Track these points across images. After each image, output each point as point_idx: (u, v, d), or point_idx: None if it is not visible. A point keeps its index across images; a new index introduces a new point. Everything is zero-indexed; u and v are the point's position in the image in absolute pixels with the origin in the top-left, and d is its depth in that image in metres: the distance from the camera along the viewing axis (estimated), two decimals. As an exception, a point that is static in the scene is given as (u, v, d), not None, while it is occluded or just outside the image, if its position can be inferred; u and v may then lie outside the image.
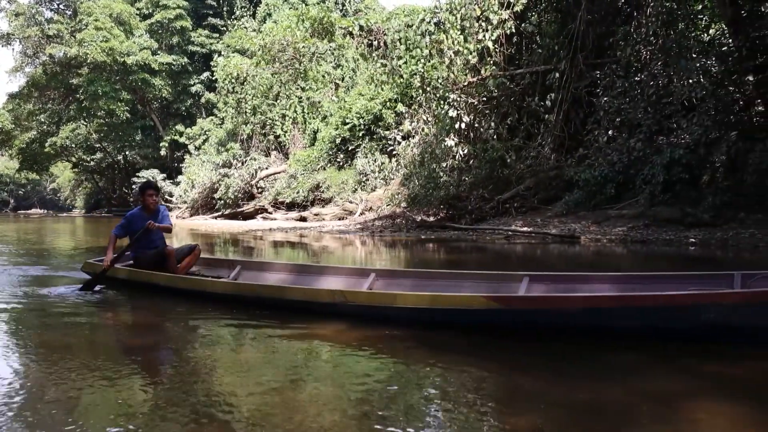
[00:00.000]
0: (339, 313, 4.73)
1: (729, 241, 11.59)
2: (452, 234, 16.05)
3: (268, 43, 27.28)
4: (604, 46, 17.80)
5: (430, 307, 4.33)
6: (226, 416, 2.66)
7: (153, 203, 6.80)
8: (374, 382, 3.21)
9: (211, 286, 5.65)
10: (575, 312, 3.93)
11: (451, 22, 18.35)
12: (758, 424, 2.57)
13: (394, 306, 4.49)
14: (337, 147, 27.53)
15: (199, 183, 34.34)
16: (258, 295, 5.24)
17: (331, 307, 4.77)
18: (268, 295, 5.18)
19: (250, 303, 5.22)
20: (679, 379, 3.19)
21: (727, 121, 13.39)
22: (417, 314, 4.39)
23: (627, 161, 14.96)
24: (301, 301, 4.95)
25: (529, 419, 2.63)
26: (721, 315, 3.56)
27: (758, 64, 12.59)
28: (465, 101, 18.51)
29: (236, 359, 3.70)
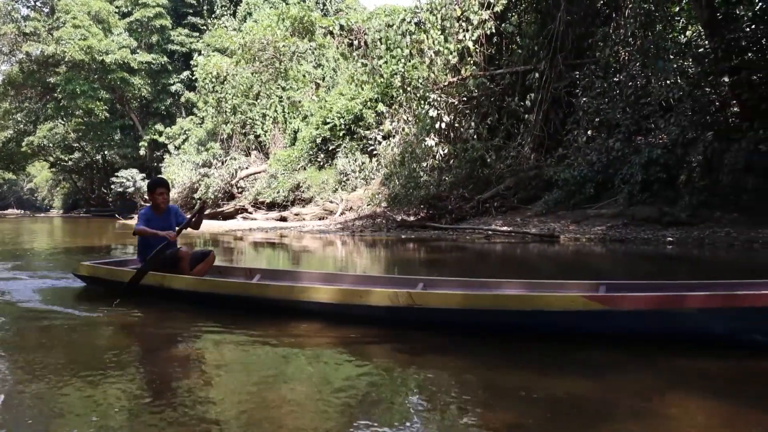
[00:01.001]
0: (399, 320, 4.34)
1: (705, 240, 11.73)
2: (432, 234, 16.08)
3: (248, 42, 27.21)
4: (583, 47, 17.93)
5: (533, 309, 3.93)
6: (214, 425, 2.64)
7: (164, 202, 6.21)
8: (358, 383, 3.20)
9: (244, 289, 5.16)
10: (690, 314, 3.63)
11: (431, 22, 18.40)
12: (728, 418, 2.60)
13: (482, 309, 4.09)
14: (317, 147, 27.47)
15: (178, 183, 34.09)
16: (311, 300, 4.69)
17: (392, 313, 4.34)
18: (324, 301, 4.64)
19: (290, 310, 4.77)
20: (653, 375, 3.22)
21: (704, 121, 13.55)
22: (514, 319, 4.00)
23: (606, 161, 15.08)
24: (353, 305, 4.49)
25: (508, 416, 2.63)
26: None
27: (733, 65, 12.74)
28: (445, 101, 18.56)
29: (238, 365, 3.68)
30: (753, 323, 3.51)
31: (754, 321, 3.50)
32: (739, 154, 11.90)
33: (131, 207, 40.91)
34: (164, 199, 6.21)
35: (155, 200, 6.20)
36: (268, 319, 4.67)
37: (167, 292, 5.49)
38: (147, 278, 5.65)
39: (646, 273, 8.49)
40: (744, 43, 13.23)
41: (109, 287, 5.88)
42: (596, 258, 10.58)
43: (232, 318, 4.78)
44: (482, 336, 4.01)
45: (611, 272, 8.74)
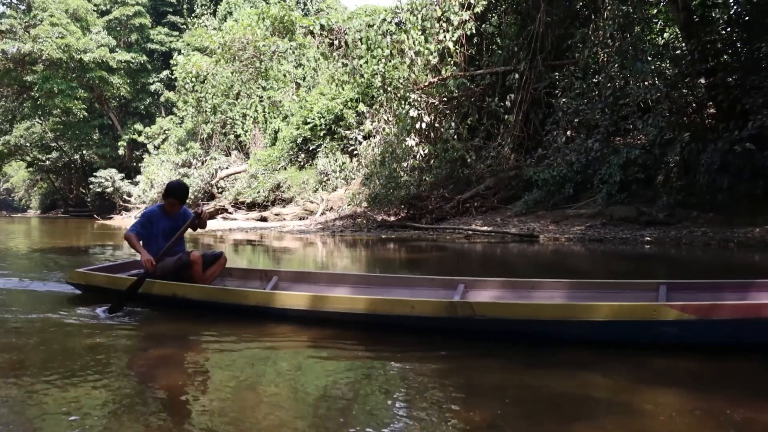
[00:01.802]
0: (454, 330, 4.03)
1: (682, 239, 11.86)
2: (413, 233, 16.11)
3: (228, 42, 27.03)
4: (563, 48, 18.06)
5: (612, 320, 3.63)
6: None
7: (171, 212, 5.86)
8: (339, 385, 3.21)
9: (267, 300, 4.67)
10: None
11: (412, 23, 18.43)
12: (700, 414, 2.63)
13: (553, 320, 3.79)
14: (298, 147, 27.41)
15: (158, 183, 33.84)
16: (352, 312, 4.29)
17: (448, 324, 4.01)
18: (368, 312, 4.25)
19: (322, 322, 4.39)
20: (629, 373, 3.25)
21: (681, 122, 13.71)
22: (589, 330, 3.73)
23: (585, 161, 15.21)
24: (403, 317, 4.11)
25: (486, 415, 2.65)
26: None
27: (709, 67, 12.89)
28: (426, 101, 18.61)
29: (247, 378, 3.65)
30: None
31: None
32: (715, 155, 12.04)
33: (110, 207, 40.57)
34: (172, 210, 5.85)
35: (167, 206, 5.85)
36: (249, 322, 4.58)
37: (181, 302, 5.07)
38: (156, 288, 5.22)
39: (625, 272, 8.57)
40: (719, 46, 13.41)
41: (108, 295, 5.42)
42: (576, 257, 10.66)
43: (220, 322, 4.66)
44: (458, 337, 3.98)
45: (591, 272, 8.81)
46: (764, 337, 3.41)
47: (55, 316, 4.91)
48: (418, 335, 4.05)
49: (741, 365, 3.28)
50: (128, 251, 12.03)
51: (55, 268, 8.71)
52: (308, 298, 4.55)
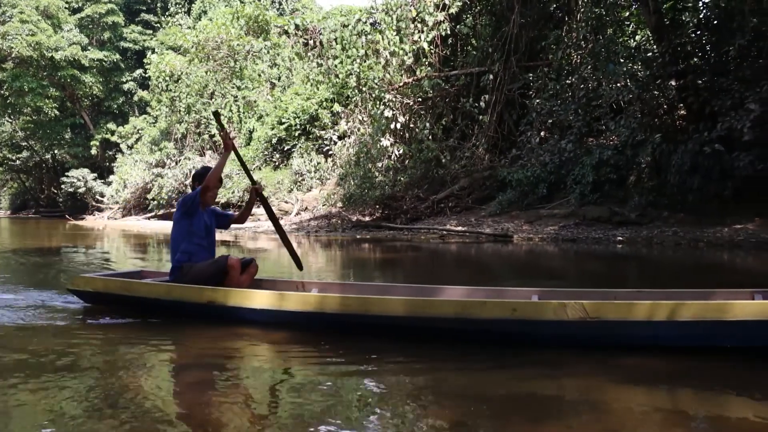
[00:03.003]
0: (561, 337, 3.65)
1: (654, 239, 12.01)
2: (388, 234, 16.12)
3: (202, 41, 26.86)
4: (537, 50, 18.20)
5: (739, 319, 3.33)
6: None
7: (208, 204, 5.14)
8: (310, 388, 3.21)
9: (345, 306, 4.10)
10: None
11: (387, 23, 18.46)
12: (670, 412, 2.66)
13: (679, 321, 3.43)
14: (272, 147, 27.28)
15: (131, 183, 33.46)
16: (440, 317, 3.82)
17: (554, 329, 3.62)
18: (466, 317, 3.75)
19: (399, 329, 3.97)
20: (600, 373, 3.27)
21: (652, 123, 13.88)
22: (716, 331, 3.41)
23: (558, 162, 15.33)
24: (503, 320, 3.67)
25: (458, 415, 2.65)
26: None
27: (679, 69, 13.06)
28: (400, 102, 18.63)
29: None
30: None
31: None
32: (685, 156, 12.21)
33: (82, 208, 40.03)
34: (209, 202, 5.13)
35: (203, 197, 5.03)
36: (226, 328, 4.41)
37: (227, 312, 4.41)
38: (187, 294, 4.56)
39: (598, 272, 8.66)
40: (689, 49, 13.61)
41: (123, 306, 4.87)
42: (549, 257, 10.74)
43: (200, 327, 4.48)
44: (429, 338, 3.90)
45: (564, 271, 8.88)
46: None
47: (25, 321, 4.81)
48: (505, 346, 3.71)
49: (709, 364, 3.31)
50: (110, 254, 11.94)
51: (22, 271, 8.59)
52: (404, 302, 3.98)
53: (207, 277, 4.72)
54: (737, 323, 3.33)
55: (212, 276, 4.73)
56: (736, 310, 3.34)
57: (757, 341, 3.38)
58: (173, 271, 4.91)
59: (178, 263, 4.89)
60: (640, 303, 3.53)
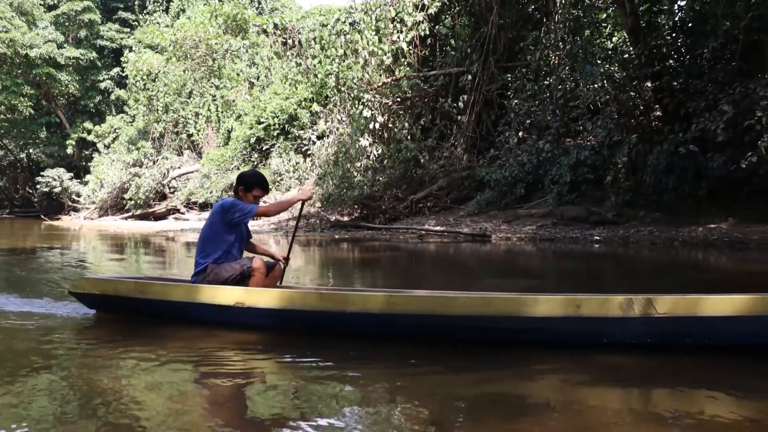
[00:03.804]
0: (623, 335, 3.44)
1: (630, 238, 12.13)
2: (366, 233, 16.12)
3: (179, 39, 26.67)
4: (515, 51, 18.31)
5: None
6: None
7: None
8: (283, 390, 3.20)
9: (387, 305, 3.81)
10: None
11: (366, 23, 18.46)
12: (642, 409, 2.69)
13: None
14: (251, 146, 27.15)
15: (108, 183, 33.13)
16: (485, 314, 3.58)
17: (613, 326, 3.42)
18: (532, 316, 3.51)
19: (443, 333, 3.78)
20: (573, 370, 3.28)
21: (629, 124, 14.02)
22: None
23: (536, 162, 15.43)
24: (556, 318, 3.46)
25: (431, 413, 2.66)
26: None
27: (655, 71, 13.22)
28: (379, 102, 18.64)
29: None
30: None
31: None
32: (660, 156, 12.36)
33: (58, 207, 39.57)
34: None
35: (246, 201, 4.72)
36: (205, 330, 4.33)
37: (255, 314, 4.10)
38: (211, 295, 4.25)
39: (576, 271, 8.73)
40: (665, 51, 13.76)
41: (135, 311, 4.55)
42: (527, 257, 10.81)
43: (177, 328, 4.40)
44: (404, 339, 3.86)
45: (542, 270, 8.95)
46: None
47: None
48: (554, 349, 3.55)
49: (683, 362, 3.34)
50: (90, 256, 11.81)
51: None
52: (464, 301, 3.70)
53: (230, 279, 4.47)
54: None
55: (236, 279, 4.48)
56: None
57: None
58: (197, 272, 4.59)
59: (202, 265, 4.56)
60: (717, 297, 3.31)
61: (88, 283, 4.65)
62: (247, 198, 4.69)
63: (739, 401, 2.79)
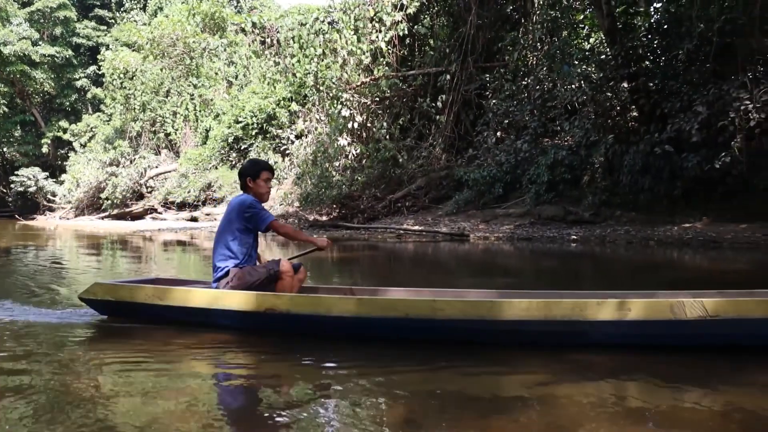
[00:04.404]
0: (669, 339, 3.41)
1: (607, 237, 12.24)
2: (345, 233, 16.10)
3: (156, 37, 26.46)
4: (493, 51, 18.40)
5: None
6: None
7: (268, 193, 4.58)
8: (255, 391, 3.19)
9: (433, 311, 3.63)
10: None
11: (344, 22, 18.45)
12: (615, 406, 2.72)
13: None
14: (229, 146, 27.04)
15: (84, 182, 32.79)
16: (532, 318, 3.49)
17: (663, 329, 3.36)
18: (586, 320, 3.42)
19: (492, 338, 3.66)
20: (544, 368, 3.30)
21: (605, 124, 14.15)
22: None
23: (514, 162, 15.51)
24: (604, 322, 3.38)
25: (404, 412, 2.66)
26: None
27: (632, 72, 13.34)
28: (358, 101, 18.63)
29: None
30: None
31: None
32: (636, 156, 12.48)
33: (33, 207, 39.09)
34: (269, 189, 4.58)
35: (258, 189, 4.49)
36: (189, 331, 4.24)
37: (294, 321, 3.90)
38: (241, 301, 4.00)
39: (553, 270, 8.79)
40: (641, 52, 13.89)
41: (153, 318, 4.29)
42: (505, 256, 10.87)
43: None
44: (376, 339, 3.85)
45: (519, 269, 9.00)
46: None
47: None
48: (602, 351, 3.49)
49: (654, 359, 3.38)
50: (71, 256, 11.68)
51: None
52: (527, 305, 3.53)
53: (256, 283, 4.22)
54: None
55: (263, 282, 4.24)
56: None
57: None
58: (219, 277, 4.33)
59: (224, 269, 4.32)
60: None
61: (101, 289, 4.38)
62: (259, 186, 4.46)
63: (709, 396, 2.83)
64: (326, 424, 2.51)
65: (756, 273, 7.99)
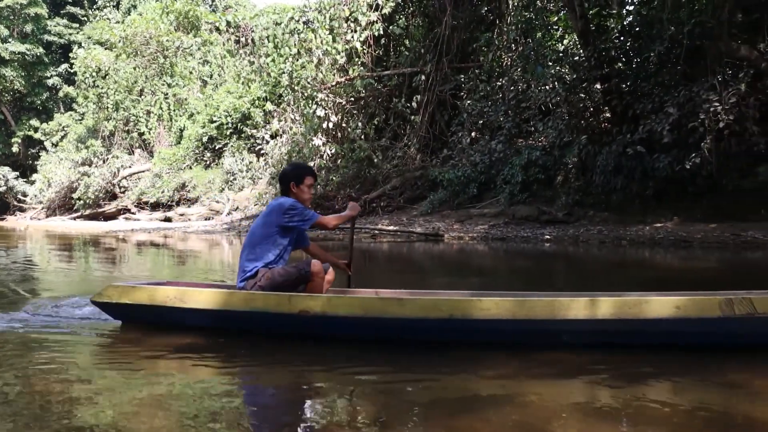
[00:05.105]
0: (718, 336, 3.36)
1: (580, 237, 12.35)
2: (319, 233, 16.03)
3: (129, 35, 26.18)
4: (468, 52, 18.48)
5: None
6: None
7: (310, 199, 4.43)
8: (221, 392, 3.16)
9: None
10: None
11: (320, 22, 18.41)
12: (582, 403, 2.74)
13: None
14: (203, 145, 26.87)
15: (56, 182, 32.38)
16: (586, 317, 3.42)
17: (712, 327, 3.30)
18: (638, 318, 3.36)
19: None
20: (515, 367, 3.30)
21: (579, 125, 14.27)
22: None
23: (488, 162, 15.59)
24: (651, 320, 3.33)
25: (371, 411, 2.66)
26: None
27: (604, 73, 13.47)
28: (333, 101, 18.61)
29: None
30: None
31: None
32: (609, 157, 12.61)
33: (3, 207, 38.51)
34: (311, 196, 4.44)
35: (302, 195, 4.33)
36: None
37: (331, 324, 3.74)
38: (273, 302, 3.79)
39: (527, 270, 8.84)
40: (614, 54, 14.04)
41: (176, 323, 4.05)
42: (479, 256, 10.91)
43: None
44: (346, 340, 3.80)
45: (494, 269, 9.03)
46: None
47: None
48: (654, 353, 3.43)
49: (622, 358, 3.40)
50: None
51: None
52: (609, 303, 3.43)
53: (286, 284, 4.03)
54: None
55: (293, 283, 4.06)
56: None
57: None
58: (246, 277, 4.13)
59: (252, 269, 4.13)
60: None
61: (116, 292, 4.08)
62: (302, 192, 4.29)
63: (676, 394, 2.86)
64: (290, 424, 2.50)
65: (725, 272, 8.11)
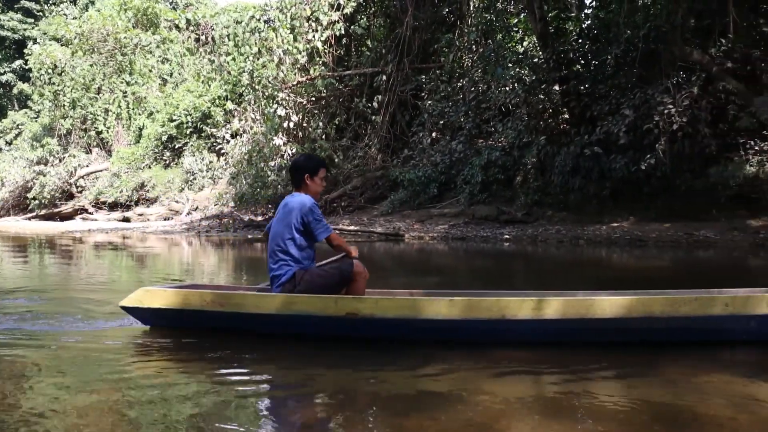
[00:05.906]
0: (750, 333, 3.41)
1: (539, 237, 12.50)
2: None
3: (86, 31, 25.68)
4: (429, 52, 18.57)
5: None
6: None
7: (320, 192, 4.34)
8: (191, 394, 3.13)
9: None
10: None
11: (281, 21, 18.30)
12: (533, 401, 2.77)
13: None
14: (163, 145, 26.50)
15: (10, 181, 31.59)
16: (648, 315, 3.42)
17: (746, 324, 3.34)
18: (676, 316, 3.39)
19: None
20: (468, 366, 3.33)
21: (538, 126, 14.47)
22: None
23: (449, 162, 15.69)
24: (708, 318, 3.35)
25: (320, 412, 2.67)
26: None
27: (563, 75, 13.67)
28: (294, 100, 18.52)
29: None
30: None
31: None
32: (567, 158, 12.79)
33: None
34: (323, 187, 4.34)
35: (316, 187, 4.22)
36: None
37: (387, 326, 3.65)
38: (318, 305, 3.71)
39: (486, 269, 8.91)
40: (572, 56, 14.26)
41: (211, 327, 3.97)
42: (440, 255, 10.96)
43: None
44: (308, 341, 3.82)
45: (454, 268, 9.08)
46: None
47: None
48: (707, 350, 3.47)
49: (571, 355, 3.46)
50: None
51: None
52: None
53: (327, 285, 3.93)
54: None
55: (334, 285, 3.95)
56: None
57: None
58: (282, 282, 3.98)
59: (287, 273, 3.99)
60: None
61: (148, 296, 3.97)
62: (316, 184, 4.18)
63: (621, 390, 2.92)
64: (243, 424, 2.48)
65: (679, 271, 8.29)
